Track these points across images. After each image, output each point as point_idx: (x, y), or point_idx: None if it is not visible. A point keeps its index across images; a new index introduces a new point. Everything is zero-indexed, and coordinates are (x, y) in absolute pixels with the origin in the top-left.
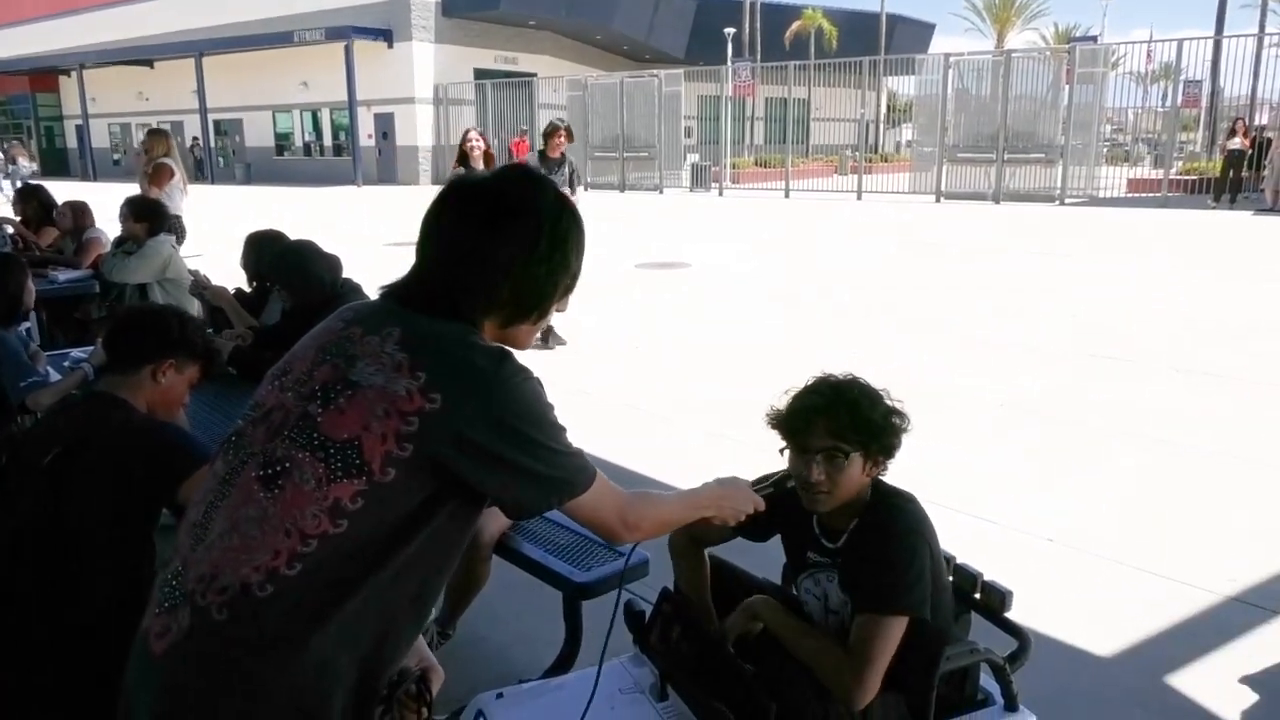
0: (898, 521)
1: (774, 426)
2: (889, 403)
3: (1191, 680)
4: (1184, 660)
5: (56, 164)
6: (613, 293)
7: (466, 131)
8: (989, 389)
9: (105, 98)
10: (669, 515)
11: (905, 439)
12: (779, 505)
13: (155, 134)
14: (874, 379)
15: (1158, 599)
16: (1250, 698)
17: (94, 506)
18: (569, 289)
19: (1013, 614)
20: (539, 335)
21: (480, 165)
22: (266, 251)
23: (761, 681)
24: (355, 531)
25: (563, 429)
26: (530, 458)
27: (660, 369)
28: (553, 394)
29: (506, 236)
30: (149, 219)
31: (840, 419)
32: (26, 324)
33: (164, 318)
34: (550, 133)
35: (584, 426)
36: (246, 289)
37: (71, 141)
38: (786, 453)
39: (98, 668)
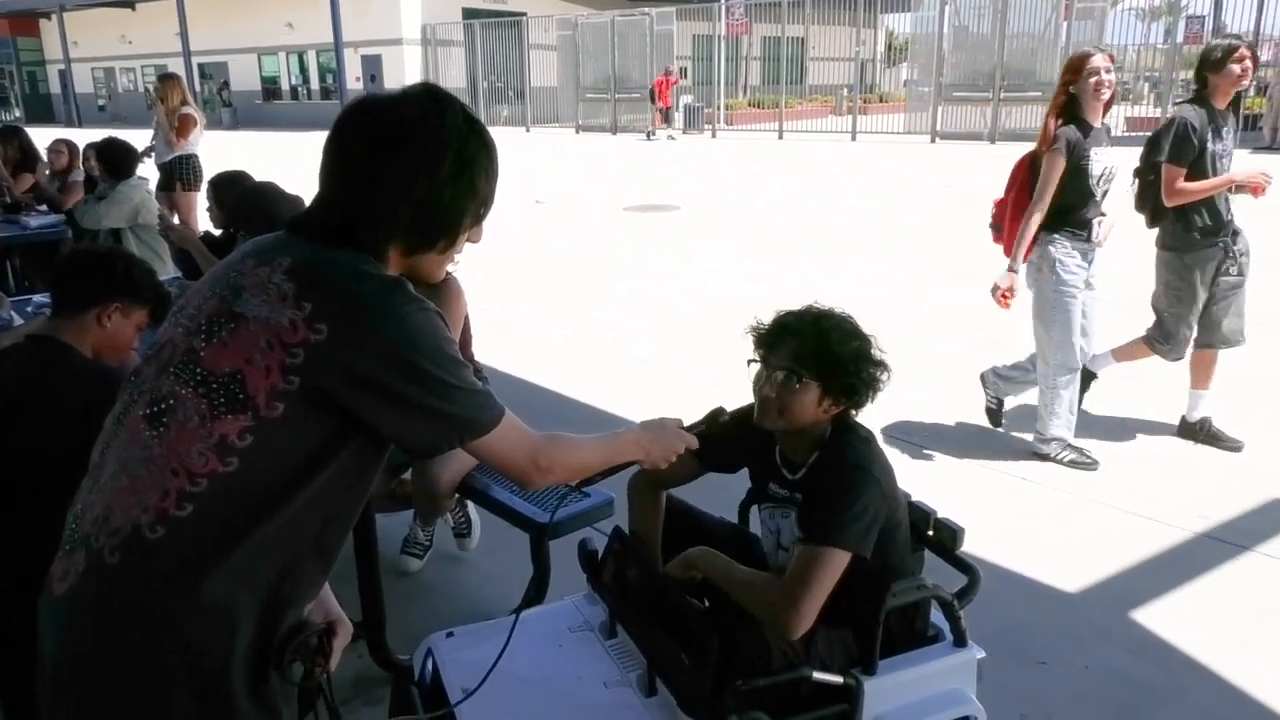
0: (847, 457)
1: (752, 336)
2: (872, 352)
3: (1159, 614)
4: (1151, 595)
5: (41, 110)
6: (600, 234)
7: (1090, 59)
8: (977, 327)
9: (87, 41)
10: (586, 459)
11: (889, 380)
12: (745, 436)
13: (168, 80)
14: (860, 322)
15: (1127, 535)
16: (1217, 632)
17: (44, 454)
18: (480, 217)
19: (982, 551)
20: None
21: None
22: (229, 194)
23: (708, 618)
24: (248, 470)
25: (463, 364)
26: (424, 392)
27: (645, 313)
28: (546, 336)
29: (406, 157)
30: (108, 161)
31: (806, 344)
32: None
33: (109, 260)
34: (1235, 59)
35: (575, 371)
36: (216, 232)
37: (55, 87)
38: (754, 366)
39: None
